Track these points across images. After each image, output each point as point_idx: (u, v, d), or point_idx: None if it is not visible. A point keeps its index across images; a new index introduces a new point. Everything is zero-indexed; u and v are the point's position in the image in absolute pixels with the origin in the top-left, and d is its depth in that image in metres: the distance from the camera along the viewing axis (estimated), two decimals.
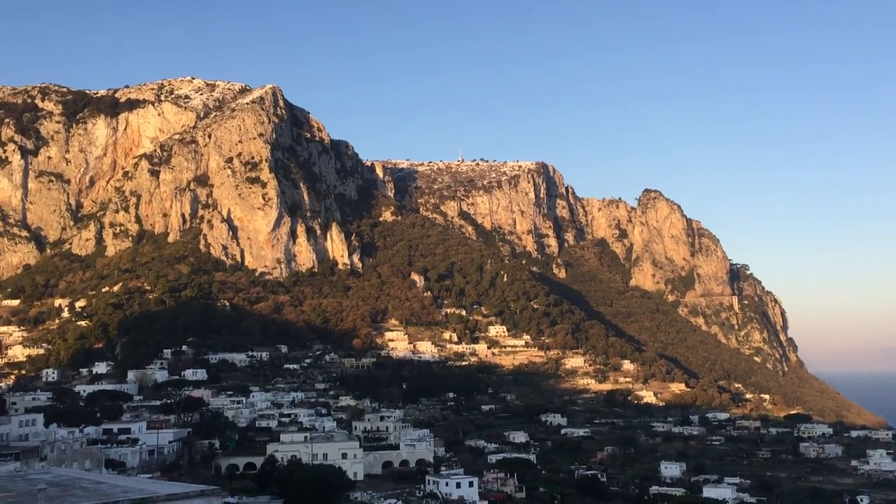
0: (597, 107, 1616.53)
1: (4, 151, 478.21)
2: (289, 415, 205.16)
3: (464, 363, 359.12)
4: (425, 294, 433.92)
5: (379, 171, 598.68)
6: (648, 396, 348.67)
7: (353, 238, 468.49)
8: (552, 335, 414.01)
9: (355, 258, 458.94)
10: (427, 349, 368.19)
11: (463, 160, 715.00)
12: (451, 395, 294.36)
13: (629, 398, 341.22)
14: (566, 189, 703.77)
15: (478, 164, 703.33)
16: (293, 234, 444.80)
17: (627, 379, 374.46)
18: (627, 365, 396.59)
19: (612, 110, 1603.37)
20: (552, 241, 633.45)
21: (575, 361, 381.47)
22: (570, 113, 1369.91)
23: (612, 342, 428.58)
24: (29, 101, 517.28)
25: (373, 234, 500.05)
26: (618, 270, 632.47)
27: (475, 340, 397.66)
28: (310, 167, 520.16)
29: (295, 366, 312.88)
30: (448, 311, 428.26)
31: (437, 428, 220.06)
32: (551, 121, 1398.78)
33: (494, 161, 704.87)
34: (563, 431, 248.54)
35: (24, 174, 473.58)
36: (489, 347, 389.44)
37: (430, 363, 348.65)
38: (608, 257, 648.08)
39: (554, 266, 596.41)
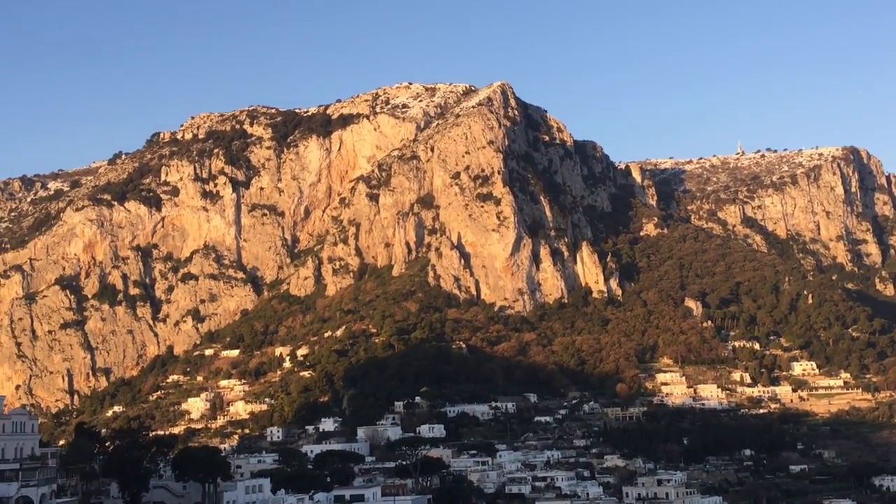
0: None
1: (215, 185, 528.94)
2: (544, 478, 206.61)
3: (761, 411, 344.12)
4: (705, 324, 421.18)
5: (636, 175, 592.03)
6: None
7: (608, 259, 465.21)
8: (881, 371, 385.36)
9: (613, 283, 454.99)
10: (711, 394, 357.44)
11: (743, 152, 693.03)
12: (746, 451, 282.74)
13: None
14: (887, 179, 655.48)
15: (763, 156, 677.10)
16: (536, 259, 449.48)
17: None
18: None
19: None
20: (872, 249, 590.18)
21: None
22: (887, 82, 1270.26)
23: None
24: (237, 126, 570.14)
25: (633, 252, 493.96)
26: None
27: (775, 382, 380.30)
28: (551, 176, 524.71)
29: (547, 418, 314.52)
30: (736, 344, 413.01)
31: (733, 494, 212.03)
32: (861, 93, 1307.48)
33: (785, 150, 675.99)
34: None
35: (237, 209, 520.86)
36: (795, 390, 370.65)
37: (716, 412, 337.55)
38: None
39: (877, 281, 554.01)
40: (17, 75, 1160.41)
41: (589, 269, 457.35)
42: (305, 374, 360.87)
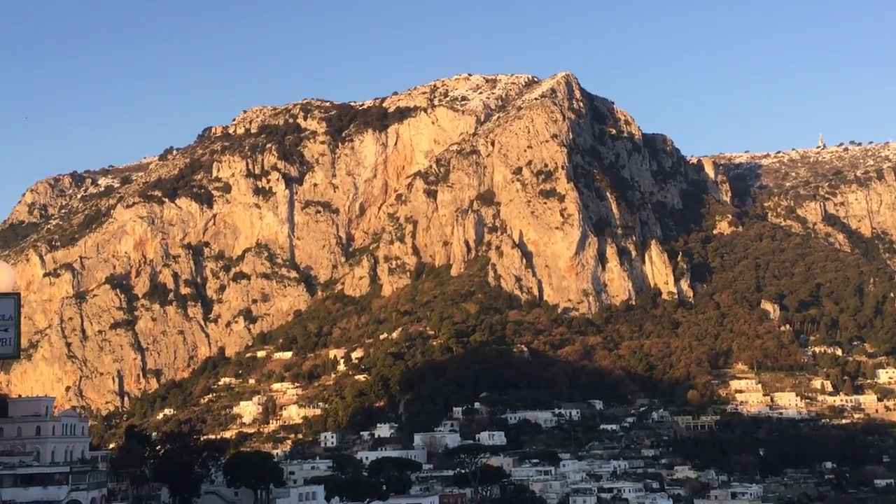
0: None
1: (268, 182, 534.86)
2: (610, 489, 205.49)
3: (844, 421, 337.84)
4: (782, 328, 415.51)
5: (709, 170, 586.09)
6: None
7: (679, 259, 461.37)
8: None
9: (684, 284, 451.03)
10: (790, 402, 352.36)
11: (824, 146, 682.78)
12: (828, 464, 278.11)
13: None
14: None
15: (846, 150, 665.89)
16: (601, 258, 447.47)
17: None
18: None
19: None
20: None
21: None
22: None
23: None
24: (291, 121, 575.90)
25: (705, 251, 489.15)
26: None
27: (858, 390, 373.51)
28: (617, 171, 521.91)
29: (614, 426, 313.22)
30: (816, 350, 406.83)
31: None
32: None
33: (870, 143, 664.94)
34: None
35: (290, 206, 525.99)
36: (881, 399, 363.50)
37: (795, 421, 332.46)
38: None
39: None
40: (66, 69, 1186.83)
41: (658, 269, 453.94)
42: (360, 377, 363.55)
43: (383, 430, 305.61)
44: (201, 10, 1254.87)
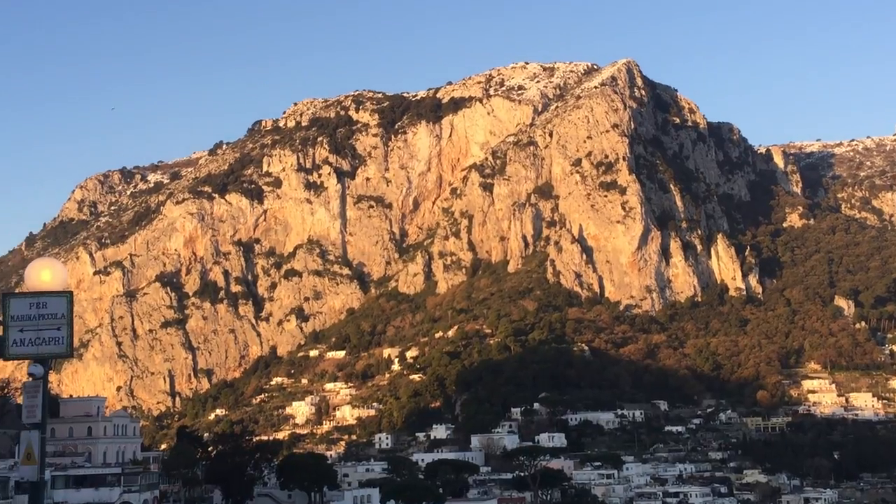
0: None
1: (319, 176, 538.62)
2: (676, 494, 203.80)
3: None
4: (858, 325, 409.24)
5: (778, 160, 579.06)
6: None
7: (747, 253, 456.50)
8: None
9: (752, 280, 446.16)
10: (866, 403, 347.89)
11: None
12: None
13: None
14: None
15: None
16: (665, 253, 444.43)
17: None
18: None
19: None
20: None
21: None
22: None
23: None
24: (342, 113, 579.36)
25: (775, 245, 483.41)
26: None
27: None
28: (681, 162, 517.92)
29: (679, 428, 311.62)
30: (894, 348, 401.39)
31: None
32: None
33: None
34: None
35: (342, 201, 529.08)
36: None
37: (871, 423, 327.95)
38: None
39: None
40: (114, 65, 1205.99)
41: (725, 264, 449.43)
42: (415, 377, 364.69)
43: (439, 432, 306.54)
44: (251, 3, 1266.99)
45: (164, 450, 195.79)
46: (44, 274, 24.57)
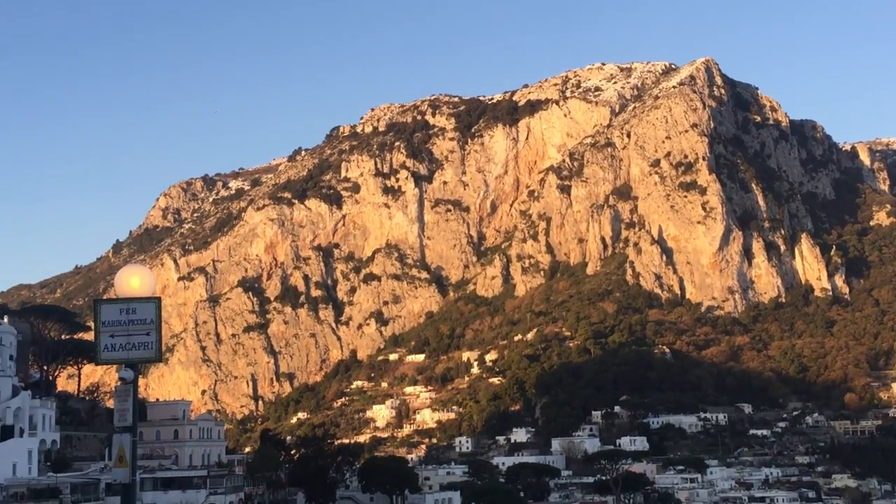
0: None
1: (397, 180, 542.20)
2: (762, 498, 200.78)
3: None
4: None
5: (864, 157, 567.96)
6: None
7: (832, 252, 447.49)
8: None
9: (839, 280, 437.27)
10: None
11: None
12: None
13: None
14: None
15: None
16: (747, 254, 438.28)
17: None
18: None
19: None
20: None
21: None
22: None
23: None
24: (419, 117, 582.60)
25: (862, 244, 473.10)
26: None
27: None
28: (763, 161, 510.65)
29: (764, 431, 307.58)
30: None
31: None
32: None
33: None
34: None
35: (420, 205, 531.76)
36: None
37: None
38: None
39: None
40: (196, 73, 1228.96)
41: (810, 264, 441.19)
42: (495, 380, 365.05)
43: (519, 435, 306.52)
44: (327, 10, 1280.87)
45: (248, 453, 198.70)
46: (133, 280, 24.97)
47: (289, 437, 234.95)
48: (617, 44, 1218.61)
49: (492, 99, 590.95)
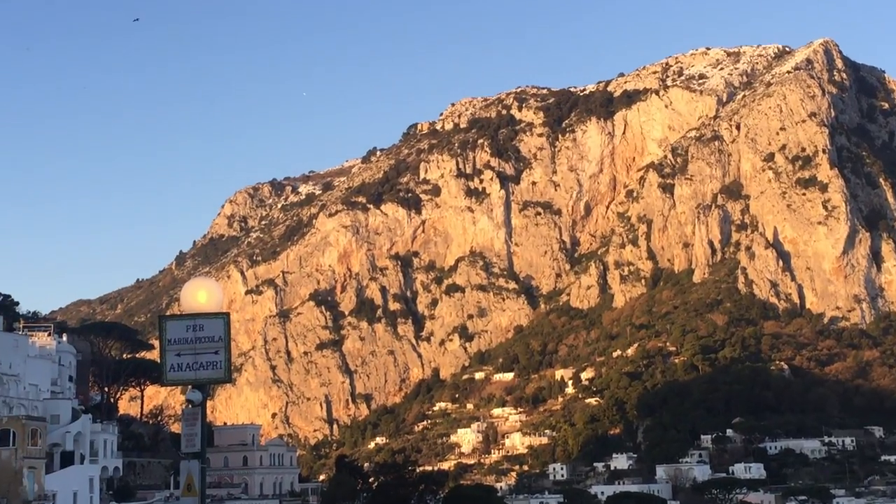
0: None
1: (481, 182, 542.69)
2: None
3: None
4: None
5: None
6: None
7: None
8: None
9: None
10: None
11: None
12: None
13: None
14: None
15: None
16: (875, 257, 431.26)
17: None
18: None
19: None
20: None
21: None
22: None
23: None
24: (504, 112, 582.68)
25: None
26: None
27: None
28: (892, 153, 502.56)
29: None
30: None
31: None
32: None
33: None
34: None
35: (506, 208, 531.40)
36: None
37: None
38: None
39: None
40: (266, 74, 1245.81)
41: None
42: (592, 401, 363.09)
43: (620, 461, 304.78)
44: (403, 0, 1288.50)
45: (323, 481, 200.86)
46: (199, 295, 25.28)
47: (366, 464, 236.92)
48: (723, 26, 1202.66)
49: (584, 90, 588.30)
